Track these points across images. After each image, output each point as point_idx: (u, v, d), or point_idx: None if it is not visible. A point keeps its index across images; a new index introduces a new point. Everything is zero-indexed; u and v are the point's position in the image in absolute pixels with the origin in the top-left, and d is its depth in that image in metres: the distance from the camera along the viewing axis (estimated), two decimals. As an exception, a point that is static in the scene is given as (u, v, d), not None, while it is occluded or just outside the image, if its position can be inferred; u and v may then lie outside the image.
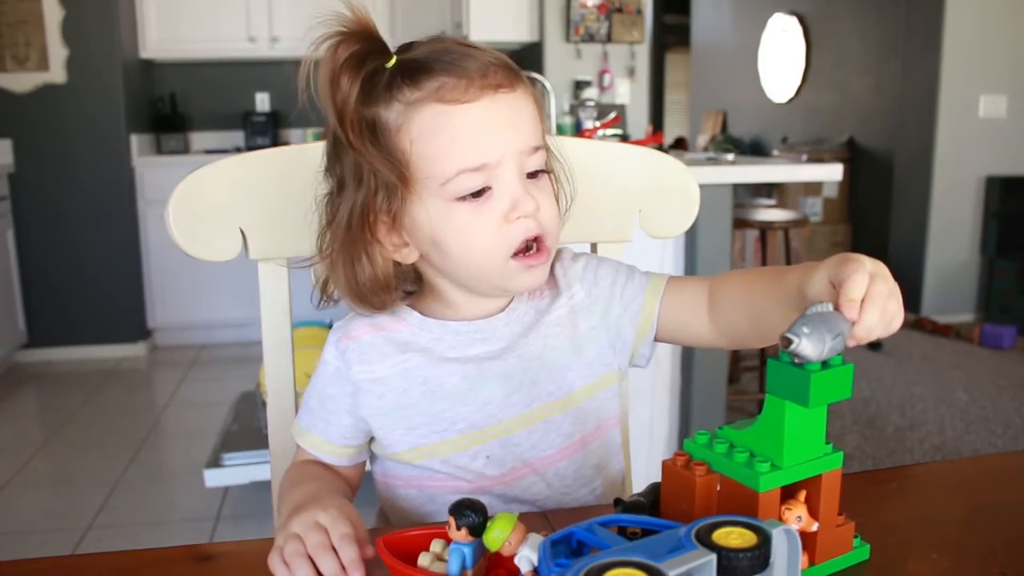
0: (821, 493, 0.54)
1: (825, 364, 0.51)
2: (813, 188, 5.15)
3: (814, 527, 0.54)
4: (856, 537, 0.56)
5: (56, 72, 3.74)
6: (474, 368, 0.72)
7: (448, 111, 0.65)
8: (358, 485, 0.79)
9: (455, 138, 0.66)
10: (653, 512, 0.55)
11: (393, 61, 0.67)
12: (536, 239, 0.69)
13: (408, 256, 0.72)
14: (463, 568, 0.50)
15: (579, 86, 4.32)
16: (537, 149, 0.69)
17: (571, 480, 0.75)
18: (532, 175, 0.69)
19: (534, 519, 0.62)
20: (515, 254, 0.69)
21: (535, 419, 0.73)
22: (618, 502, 0.57)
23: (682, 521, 0.48)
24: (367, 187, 0.68)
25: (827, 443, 0.54)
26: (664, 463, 0.55)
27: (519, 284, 0.71)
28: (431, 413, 0.72)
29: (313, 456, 0.77)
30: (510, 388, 0.72)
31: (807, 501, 0.54)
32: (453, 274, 0.72)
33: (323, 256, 0.72)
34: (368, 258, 0.70)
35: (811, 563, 0.53)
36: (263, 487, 2.21)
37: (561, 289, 0.77)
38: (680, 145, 4.72)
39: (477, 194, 0.67)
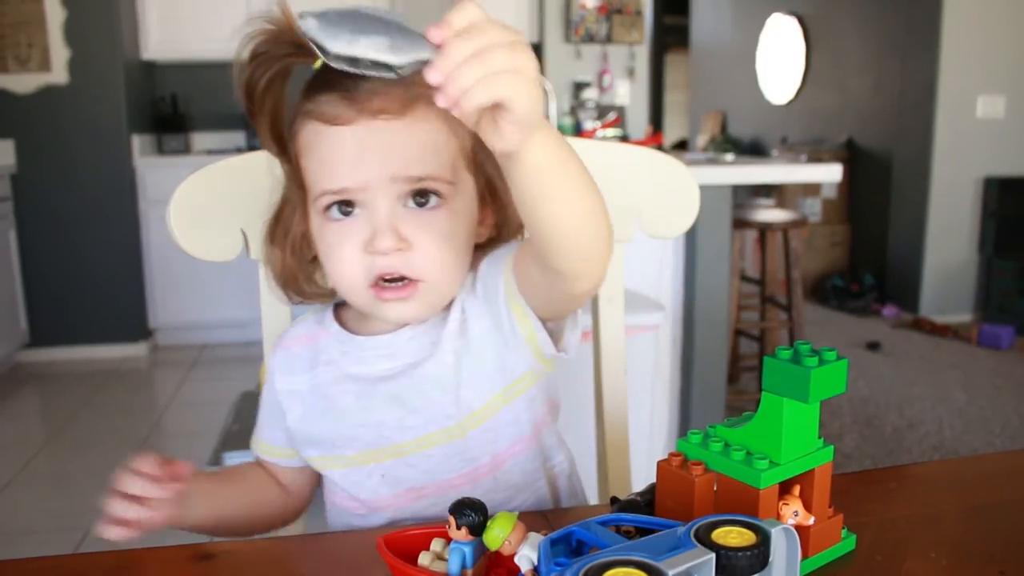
0: (814, 487, 0.54)
1: (821, 360, 0.51)
2: (812, 188, 5.15)
3: (810, 521, 0.54)
4: (843, 528, 0.57)
5: (58, 73, 3.74)
6: (368, 388, 0.70)
7: (322, 131, 0.65)
8: (308, 493, 0.79)
9: (323, 159, 0.65)
10: (649, 512, 0.55)
11: (318, 64, 0.66)
12: (401, 278, 0.66)
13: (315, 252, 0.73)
14: (463, 567, 0.50)
15: (579, 87, 4.32)
16: (422, 180, 0.64)
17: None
18: (422, 206, 0.65)
19: (534, 518, 0.63)
20: (373, 285, 0.66)
21: (431, 443, 0.69)
22: (614, 501, 0.57)
23: (679, 520, 0.48)
24: (287, 181, 0.71)
25: (819, 438, 0.55)
26: (659, 464, 0.55)
27: (384, 315, 0.69)
28: (331, 428, 0.72)
29: (265, 460, 0.78)
30: (403, 412, 0.69)
31: (801, 495, 0.55)
32: (334, 287, 0.72)
33: (266, 240, 0.75)
34: (284, 247, 0.73)
35: (804, 556, 0.54)
36: (263, 487, 2.22)
37: (455, 301, 0.71)
38: (682, 147, 4.73)
39: (343, 215, 0.66)
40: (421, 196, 0.65)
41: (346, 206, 0.66)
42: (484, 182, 0.70)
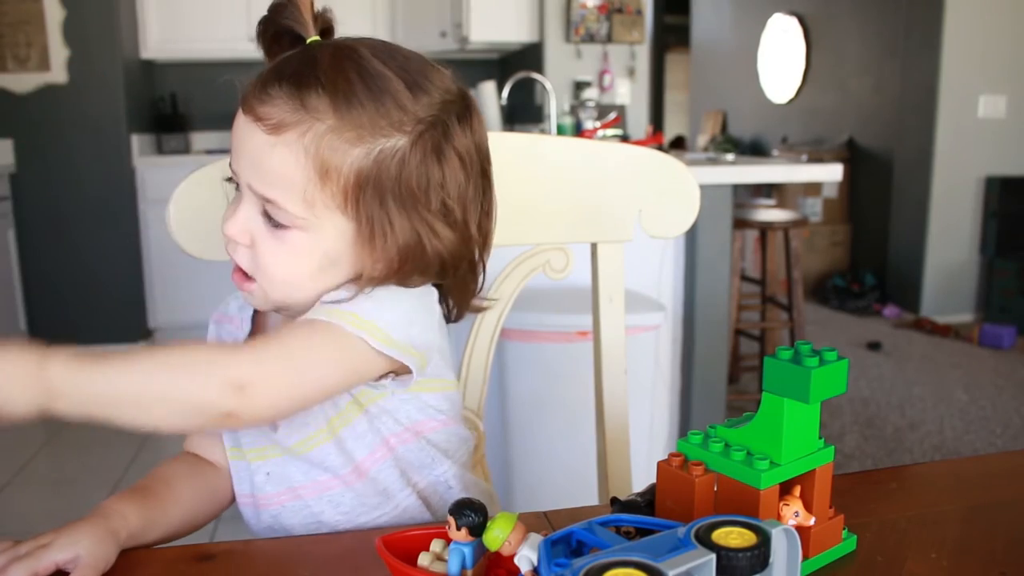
0: (815, 487, 0.54)
1: (822, 360, 0.51)
2: (813, 188, 5.15)
3: (811, 521, 0.54)
4: (844, 529, 0.57)
5: (57, 72, 3.74)
6: None
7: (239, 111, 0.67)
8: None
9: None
10: (649, 512, 0.55)
11: (309, 41, 0.67)
12: (240, 269, 0.69)
13: None
14: (463, 568, 0.50)
15: (579, 86, 4.32)
16: (268, 201, 0.64)
17: (348, 508, 0.71)
18: (275, 223, 0.66)
19: (534, 519, 0.62)
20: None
21: (305, 449, 0.70)
22: (615, 501, 0.57)
23: (679, 521, 0.48)
24: None
25: (819, 438, 0.55)
26: (659, 464, 0.55)
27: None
28: None
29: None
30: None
31: (801, 496, 0.54)
32: None
33: None
34: None
35: (805, 556, 0.53)
36: (263, 487, 2.22)
37: None
38: (679, 144, 4.72)
39: (236, 189, 0.68)
40: (268, 211, 0.66)
41: (234, 183, 0.68)
42: (368, 227, 0.66)
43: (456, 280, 0.71)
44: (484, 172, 0.70)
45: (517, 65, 4.34)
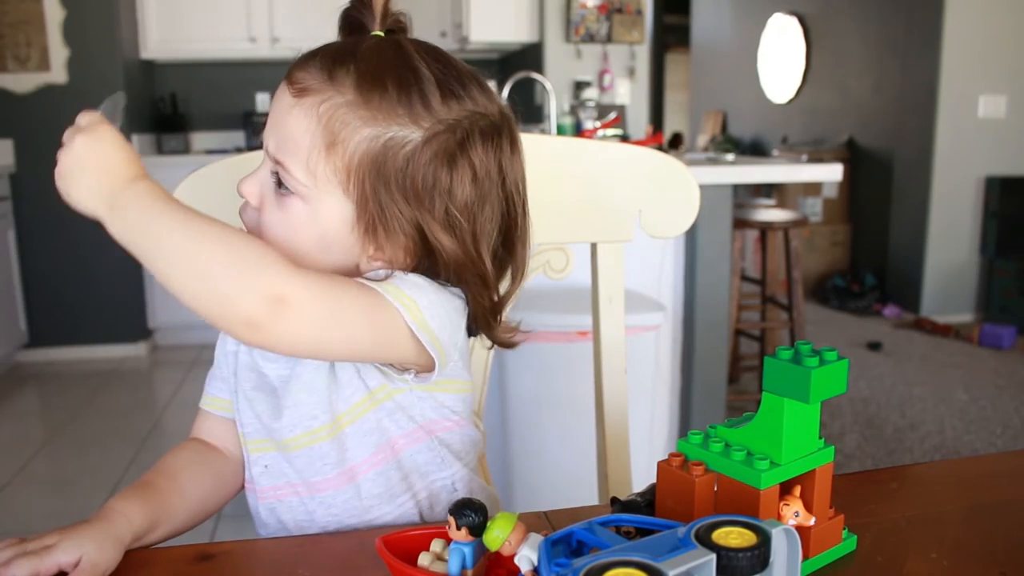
0: (815, 487, 0.54)
1: (822, 360, 0.51)
2: (813, 188, 5.15)
3: (811, 522, 0.54)
4: (844, 529, 0.57)
5: (57, 72, 3.74)
6: (256, 379, 0.72)
7: None
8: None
9: None
10: (649, 512, 0.55)
11: (372, 33, 0.68)
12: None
13: None
14: (463, 568, 0.50)
15: (579, 86, 4.32)
16: (277, 163, 0.65)
17: (339, 510, 0.71)
18: (279, 186, 0.66)
19: (534, 519, 0.62)
20: None
21: (302, 444, 0.70)
22: (615, 501, 0.57)
23: (679, 521, 0.48)
24: None
25: (819, 438, 0.55)
26: (659, 464, 0.55)
27: None
28: (238, 407, 0.73)
29: (207, 413, 0.77)
30: (279, 409, 0.70)
31: (801, 496, 0.55)
32: None
33: None
34: None
35: (805, 556, 0.54)
36: (263, 487, 2.21)
37: None
38: (676, 142, 4.70)
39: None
40: (278, 176, 0.66)
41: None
42: (368, 214, 0.65)
43: (469, 293, 0.69)
44: (509, 198, 0.68)
45: (517, 65, 4.34)
